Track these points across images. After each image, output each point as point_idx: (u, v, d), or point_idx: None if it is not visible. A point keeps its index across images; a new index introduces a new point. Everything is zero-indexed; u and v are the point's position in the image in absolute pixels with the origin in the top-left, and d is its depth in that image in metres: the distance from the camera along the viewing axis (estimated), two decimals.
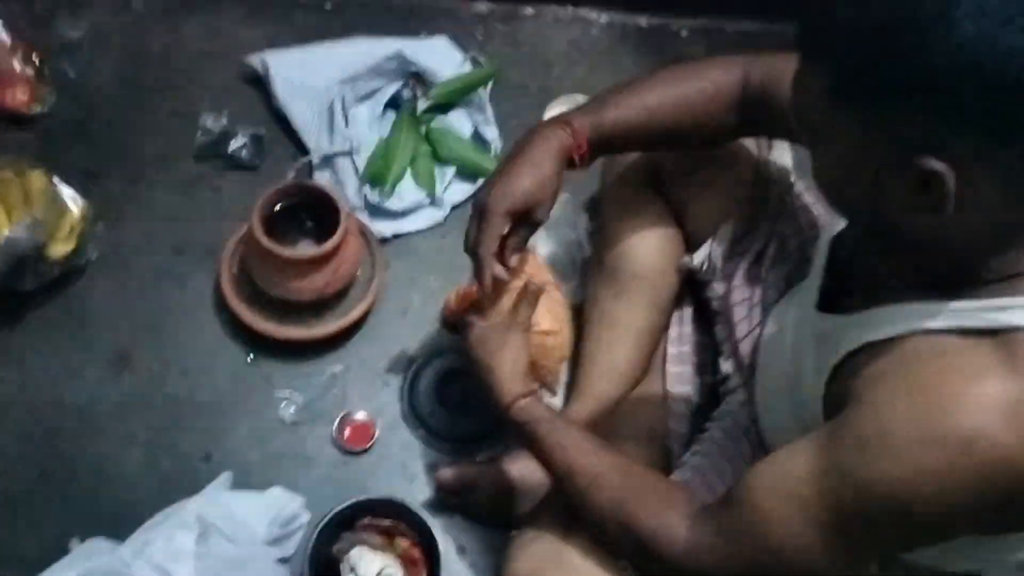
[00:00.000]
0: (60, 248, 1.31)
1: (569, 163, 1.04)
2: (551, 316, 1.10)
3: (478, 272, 1.03)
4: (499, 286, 1.05)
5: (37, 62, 1.52)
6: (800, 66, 0.74)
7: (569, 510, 0.97)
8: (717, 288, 1.19)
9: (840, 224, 0.92)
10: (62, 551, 1.16)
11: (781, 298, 1.09)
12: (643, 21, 1.82)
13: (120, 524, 1.19)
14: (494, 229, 1.01)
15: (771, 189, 1.16)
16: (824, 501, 0.74)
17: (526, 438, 0.98)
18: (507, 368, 1.00)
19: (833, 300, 0.90)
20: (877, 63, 0.66)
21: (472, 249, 1.03)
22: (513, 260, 1.05)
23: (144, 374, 1.34)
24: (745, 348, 1.13)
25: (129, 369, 1.34)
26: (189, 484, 1.23)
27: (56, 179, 1.36)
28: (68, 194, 1.36)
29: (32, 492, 1.23)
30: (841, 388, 0.80)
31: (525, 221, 1.04)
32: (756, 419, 1.07)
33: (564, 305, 1.14)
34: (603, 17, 1.79)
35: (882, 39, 0.65)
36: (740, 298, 1.15)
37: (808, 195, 1.15)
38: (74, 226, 1.34)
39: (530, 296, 1.03)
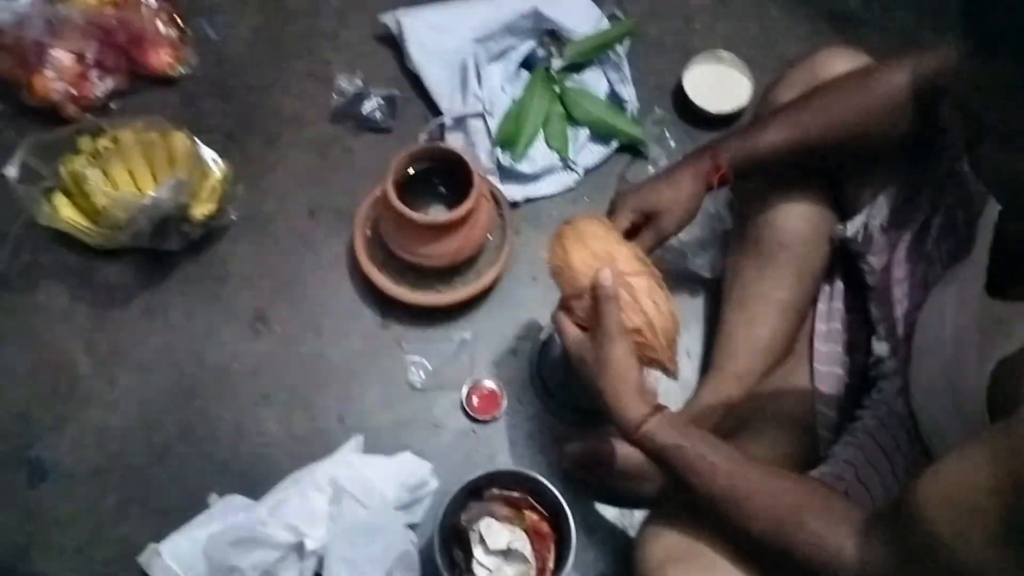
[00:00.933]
0: (202, 209, 1.33)
1: (716, 188, 1.08)
2: (637, 309, 0.96)
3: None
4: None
5: (180, 24, 1.56)
6: (973, 61, 0.66)
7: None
8: (873, 261, 1.11)
9: None
10: (201, 505, 1.19)
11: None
12: None
13: (256, 482, 1.22)
14: (619, 221, 1.05)
15: (940, 153, 1.06)
16: (1003, 512, 0.66)
17: (659, 461, 0.91)
18: (617, 389, 0.92)
19: (1003, 284, 0.81)
20: None
21: None
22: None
23: (280, 334, 1.36)
24: (903, 330, 1.05)
25: (266, 329, 1.36)
26: (322, 445, 1.25)
27: (198, 140, 1.38)
28: (209, 155, 1.39)
29: (174, 447, 1.27)
30: (1013, 383, 0.72)
31: (653, 226, 1.06)
32: (913, 409, 0.99)
33: (653, 288, 0.98)
34: None
35: None
36: (901, 275, 1.07)
37: None
38: (215, 187, 1.36)
39: (602, 303, 0.93)
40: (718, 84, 1.55)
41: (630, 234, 1.07)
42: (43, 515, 1.22)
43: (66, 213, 1.32)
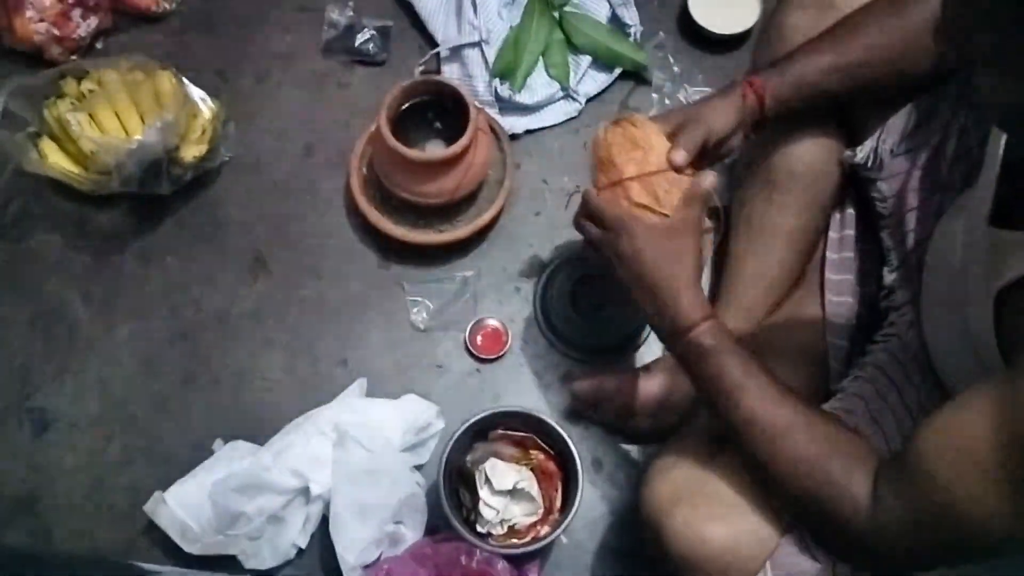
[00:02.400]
0: (193, 150, 1.30)
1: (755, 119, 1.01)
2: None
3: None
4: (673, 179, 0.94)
5: None
6: None
7: (713, 443, 0.90)
8: (884, 188, 1.07)
9: None
10: (206, 452, 1.18)
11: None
12: None
13: (260, 427, 1.21)
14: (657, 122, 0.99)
15: (954, 71, 1.00)
16: (1004, 461, 0.64)
17: (701, 368, 0.87)
18: (687, 280, 0.89)
19: (1009, 213, 0.77)
20: None
21: None
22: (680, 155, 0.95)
23: (279, 277, 1.34)
24: (915, 260, 1.01)
25: (264, 272, 1.34)
26: (326, 388, 1.24)
27: (185, 80, 1.34)
28: (198, 94, 1.35)
29: (176, 394, 1.26)
30: (1018, 321, 0.69)
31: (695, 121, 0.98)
32: (926, 341, 0.96)
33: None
34: None
35: None
36: (915, 203, 1.02)
37: None
38: (205, 127, 1.32)
39: (703, 196, 0.92)
40: (725, 5, 1.48)
41: None
42: (47, 466, 1.21)
43: (54, 159, 1.28)
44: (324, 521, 1.14)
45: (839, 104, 1.09)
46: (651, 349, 1.29)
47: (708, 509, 0.87)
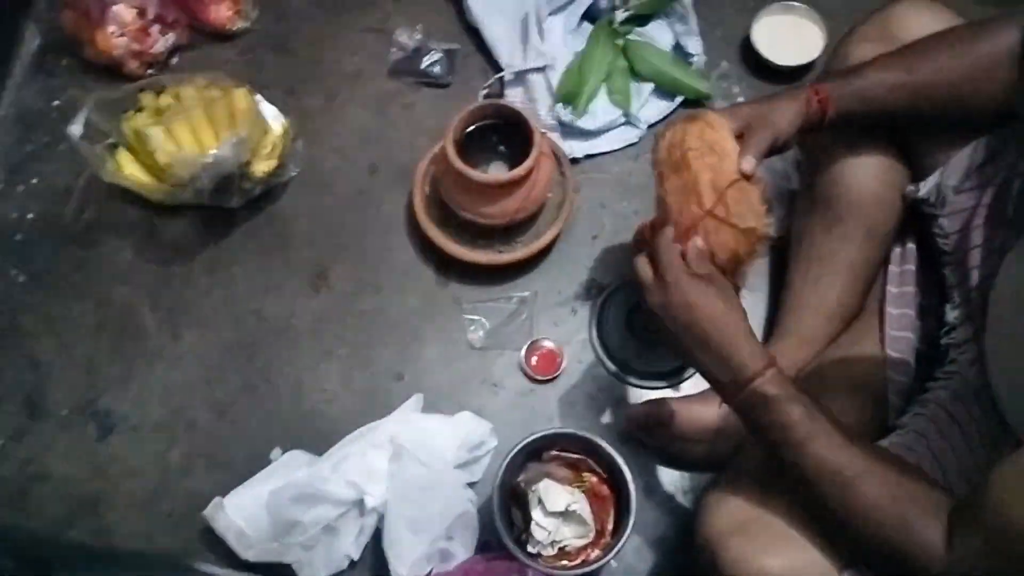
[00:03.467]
0: (263, 165, 1.33)
1: (812, 121, 1.01)
2: (749, 208, 0.94)
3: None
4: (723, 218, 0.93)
5: None
6: None
7: (770, 474, 0.89)
8: (946, 224, 1.06)
9: None
10: (264, 460, 1.21)
11: None
12: None
13: (317, 437, 1.23)
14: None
15: (1017, 115, 1.00)
16: None
17: (766, 416, 0.85)
18: (744, 330, 0.87)
19: None
20: None
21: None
22: (749, 163, 0.95)
23: (340, 291, 1.36)
24: (978, 297, 1.00)
25: (326, 285, 1.37)
26: (382, 402, 1.26)
27: (259, 97, 1.38)
28: (270, 112, 1.39)
29: (237, 402, 1.29)
30: None
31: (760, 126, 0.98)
32: (988, 381, 0.95)
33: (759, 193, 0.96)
34: None
35: None
36: (978, 240, 1.02)
37: None
38: (276, 144, 1.36)
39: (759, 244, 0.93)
40: (789, 36, 1.49)
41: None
42: (111, 468, 1.25)
43: (129, 170, 1.33)
44: (377, 534, 1.15)
45: (901, 130, 1.09)
46: None
47: (765, 540, 0.86)
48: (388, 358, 1.32)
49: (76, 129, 1.28)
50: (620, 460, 1.10)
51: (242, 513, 1.15)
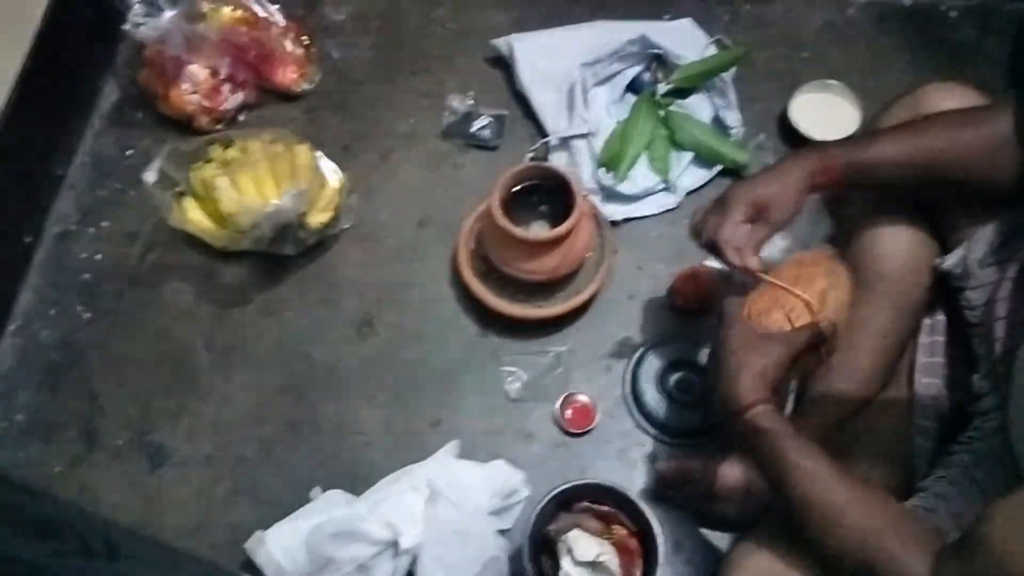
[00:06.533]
0: (319, 217, 1.41)
1: (821, 188, 1.08)
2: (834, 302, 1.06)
3: (724, 258, 1.04)
4: (754, 281, 1.03)
5: (306, 43, 1.64)
6: None
7: (792, 531, 0.92)
8: (973, 296, 1.09)
9: None
10: (305, 498, 1.26)
11: None
12: (906, 0, 1.69)
13: (356, 477, 1.28)
14: (734, 215, 1.05)
15: None
16: None
17: (758, 450, 0.92)
18: (755, 371, 0.95)
19: None
20: None
21: (710, 237, 1.07)
22: (753, 261, 1.04)
23: (385, 338, 1.42)
24: (1003, 368, 1.03)
25: (372, 332, 1.43)
26: (419, 447, 1.30)
27: (319, 153, 1.46)
28: (329, 167, 1.47)
29: (282, 441, 1.34)
30: None
31: (764, 219, 1.06)
32: (1011, 448, 0.97)
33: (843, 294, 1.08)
34: None
35: None
36: (1003, 312, 1.04)
37: None
38: (332, 197, 1.44)
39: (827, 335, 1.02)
40: (825, 113, 1.54)
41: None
42: (160, 498, 1.30)
43: (194, 216, 1.41)
44: (409, 575, 1.19)
45: (930, 204, 1.13)
46: None
47: None
48: (427, 405, 1.37)
49: (150, 176, 1.37)
50: (649, 514, 1.13)
51: (281, 547, 1.19)
